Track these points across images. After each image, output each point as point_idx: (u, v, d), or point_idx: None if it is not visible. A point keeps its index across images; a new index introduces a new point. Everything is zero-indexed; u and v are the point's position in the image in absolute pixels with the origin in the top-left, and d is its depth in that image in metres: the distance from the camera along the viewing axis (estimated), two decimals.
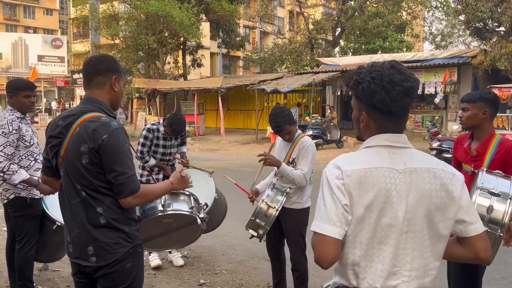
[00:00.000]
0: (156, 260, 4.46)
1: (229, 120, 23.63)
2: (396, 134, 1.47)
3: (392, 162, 1.43)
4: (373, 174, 1.41)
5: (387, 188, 1.40)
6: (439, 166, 1.47)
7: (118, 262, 2.02)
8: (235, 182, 3.79)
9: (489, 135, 2.69)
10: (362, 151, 1.50)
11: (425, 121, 18.39)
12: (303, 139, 3.42)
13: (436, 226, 1.44)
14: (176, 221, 2.92)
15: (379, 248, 1.42)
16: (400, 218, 1.41)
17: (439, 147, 11.47)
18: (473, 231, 1.46)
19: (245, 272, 4.46)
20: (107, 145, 1.93)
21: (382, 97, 1.41)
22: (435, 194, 1.43)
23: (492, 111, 2.68)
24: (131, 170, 1.98)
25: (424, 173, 1.43)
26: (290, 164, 3.41)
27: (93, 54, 27.93)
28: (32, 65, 30.98)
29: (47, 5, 44.74)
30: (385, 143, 1.46)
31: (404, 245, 1.42)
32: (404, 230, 1.42)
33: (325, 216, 1.41)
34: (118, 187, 1.95)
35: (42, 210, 3.49)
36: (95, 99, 2.09)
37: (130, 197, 1.96)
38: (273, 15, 34.72)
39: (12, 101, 3.41)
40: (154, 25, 21.11)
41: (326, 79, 18.33)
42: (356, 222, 1.41)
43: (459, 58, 17.01)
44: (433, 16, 33.31)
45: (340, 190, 1.41)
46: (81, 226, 2.01)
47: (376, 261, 1.42)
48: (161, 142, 4.47)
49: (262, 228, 3.33)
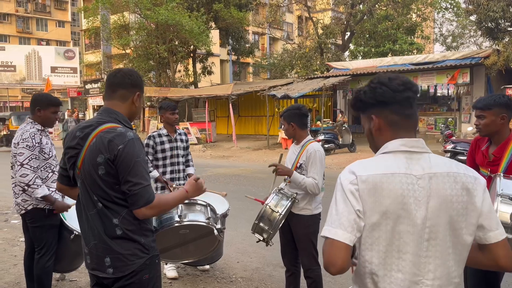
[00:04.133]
0: (172, 271, 4.43)
1: (240, 127, 23.67)
2: (413, 139, 1.45)
3: (410, 168, 1.40)
4: (389, 180, 1.38)
5: (404, 194, 1.37)
6: (460, 170, 1.44)
7: (136, 274, 2.02)
8: (254, 198, 3.76)
9: (507, 139, 2.65)
10: (378, 157, 1.48)
11: (438, 123, 18.18)
12: (310, 145, 3.39)
13: (459, 232, 1.40)
14: (192, 232, 2.91)
15: (398, 257, 1.39)
16: (419, 226, 1.37)
17: (453, 149, 11.32)
18: (493, 238, 1.42)
19: (261, 279, 4.44)
20: (122, 155, 1.93)
21: (384, 91, 1.46)
22: (456, 199, 1.39)
23: (509, 114, 2.64)
24: (146, 181, 1.97)
25: (444, 178, 1.40)
26: (298, 168, 3.40)
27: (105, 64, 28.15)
28: (45, 76, 31.45)
29: (59, 17, 45.56)
30: (402, 149, 1.43)
31: (426, 253, 1.39)
32: (425, 237, 1.39)
33: (336, 221, 1.39)
34: (132, 197, 1.95)
35: (60, 220, 3.53)
36: (112, 110, 2.10)
37: (144, 208, 1.95)
38: (282, 21, 34.76)
39: (39, 114, 3.46)
40: (164, 34, 21.32)
41: (337, 83, 18.26)
42: (372, 229, 1.38)
43: (471, 59, 16.81)
44: (443, 17, 33.03)
45: (354, 196, 1.39)
46: (97, 237, 2.02)
47: (396, 270, 1.39)
48: (166, 146, 4.44)
49: (266, 232, 3.31)
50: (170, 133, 4.51)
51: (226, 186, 9.73)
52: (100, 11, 25.26)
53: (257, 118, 23.68)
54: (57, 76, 34.57)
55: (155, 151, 4.42)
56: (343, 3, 24.55)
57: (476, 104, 2.77)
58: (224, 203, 3.77)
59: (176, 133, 4.56)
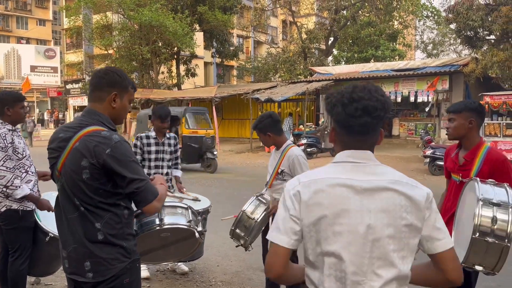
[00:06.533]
0: (144, 271, 4.34)
1: (224, 129, 23.64)
2: (361, 151, 1.45)
3: (354, 177, 1.40)
4: (330, 183, 1.40)
5: (344, 195, 1.38)
6: (404, 180, 1.42)
7: (116, 278, 1.99)
8: (233, 215, 3.74)
9: (477, 144, 2.68)
10: (326, 166, 1.49)
11: (418, 128, 18.52)
12: (291, 151, 3.39)
13: (403, 235, 1.38)
14: (174, 235, 2.89)
15: (340, 258, 1.38)
16: (361, 226, 1.37)
17: (433, 155, 11.54)
18: (440, 247, 1.40)
19: (240, 283, 4.42)
20: (112, 160, 1.90)
21: (339, 112, 1.43)
22: (399, 209, 1.38)
23: (478, 120, 2.67)
24: (146, 176, 1.99)
25: (387, 188, 1.39)
26: (279, 175, 3.39)
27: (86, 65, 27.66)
28: (24, 75, 30.86)
29: (40, 15, 44.71)
30: (349, 160, 1.44)
31: (369, 254, 1.37)
32: (368, 238, 1.37)
33: (274, 224, 1.45)
34: (141, 194, 1.93)
35: (35, 222, 3.45)
36: (94, 111, 2.05)
37: (155, 201, 1.96)
38: (267, 25, 34.92)
39: (9, 113, 3.39)
40: (148, 35, 21.15)
41: (320, 88, 18.43)
42: (312, 230, 1.40)
43: (451, 66, 17.21)
44: (424, 25, 33.73)
45: (292, 201, 1.42)
46: (78, 241, 1.98)
47: (340, 271, 1.38)
48: (153, 148, 4.44)
49: (242, 238, 3.34)
50: (159, 137, 4.50)
51: (208, 189, 9.68)
52: (82, 11, 24.91)
53: (241, 121, 23.69)
54: (37, 76, 33.98)
55: (142, 152, 4.43)
56: (327, 8, 24.83)
57: (448, 108, 2.85)
58: (206, 201, 3.76)
59: (165, 137, 4.56)
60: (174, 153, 4.64)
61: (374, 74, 18.17)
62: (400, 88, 17.45)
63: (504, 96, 13.37)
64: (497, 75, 16.14)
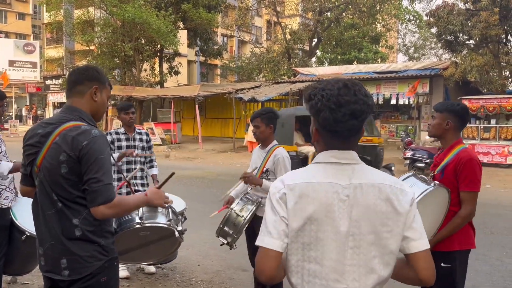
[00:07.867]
0: (123, 271, 4.31)
1: (206, 129, 23.52)
2: (344, 151, 1.45)
3: (337, 178, 1.41)
4: (315, 188, 1.40)
5: (329, 202, 1.39)
6: (387, 181, 1.43)
7: (93, 276, 1.96)
8: (218, 211, 3.72)
9: (451, 145, 2.69)
10: (309, 167, 1.50)
11: (399, 130, 18.78)
12: (277, 151, 3.42)
13: (384, 242, 1.40)
14: (153, 234, 2.86)
15: (322, 265, 1.40)
16: (343, 233, 1.38)
17: (412, 156, 11.71)
18: (415, 247, 1.42)
19: (221, 282, 4.41)
20: (86, 152, 1.89)
21: (327, 117, 1.40)
22: (380, 209, 1.40)
23: (456, 122, 2.67)
24: (108, 179, 1.91)
25: (369, 189, 1.40)
26: (264, 173, 3.41)
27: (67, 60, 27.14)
28: (2, 70, 30.10)
29: (19, 9, 43.68)
30: (331, 160, 1.44)
31: (351, 262, 1.40)
32: (349, 245, 1.39)
33: (264, 229, 1.44)
34: (91, 194, 1.88)
35: (11, 220, 3.37)
36: (75, 108, 2.05)
37: (103, 206, 1.88)
38: (251, 25, 34.90)
39: None
40: (131, 32, 20.90)
41: (303, 89, 18.51)
42: (297, 235, 1.40)
43: (431, 70, 17.51)
44: (407, 28, 34.27)
45: (279, 203, 1.42)
46: (55, 238, 1.95)
47: (319, 277, 1.40)
48: (123, 144, 4.43)
49: (230, 236, 3.33)
50: (129, 132, 4.50)
51: (190, 188, 9.62)
52: (64, 5, 24.45)
53: (224, 120, 23.61)
54: (15, 70, 33.16)
55: (111, 148, 4.38)
56: (311, 9, 24.99)
57: (435, 105, 2.89)
58: (181, 203, 3.72)
59: (135, 132, 4.54)
60: (148, 149, 4.62)
61: (356, 76, 18.33)
62: (382, 90, 17.67)
63: (482, 100, 13.69)
64: (476, 79, 16.52)
